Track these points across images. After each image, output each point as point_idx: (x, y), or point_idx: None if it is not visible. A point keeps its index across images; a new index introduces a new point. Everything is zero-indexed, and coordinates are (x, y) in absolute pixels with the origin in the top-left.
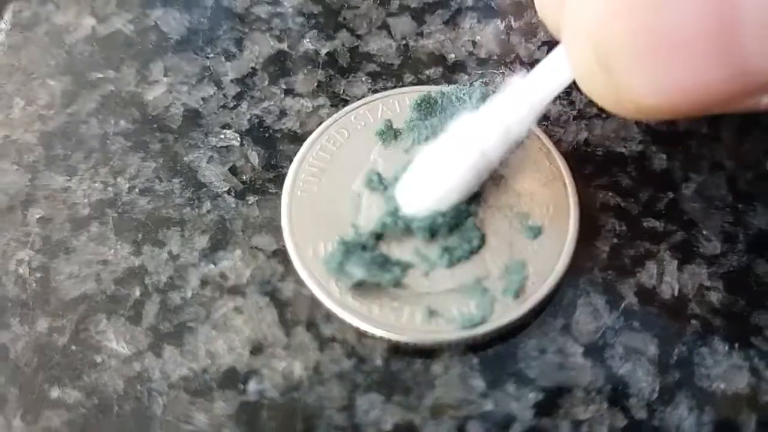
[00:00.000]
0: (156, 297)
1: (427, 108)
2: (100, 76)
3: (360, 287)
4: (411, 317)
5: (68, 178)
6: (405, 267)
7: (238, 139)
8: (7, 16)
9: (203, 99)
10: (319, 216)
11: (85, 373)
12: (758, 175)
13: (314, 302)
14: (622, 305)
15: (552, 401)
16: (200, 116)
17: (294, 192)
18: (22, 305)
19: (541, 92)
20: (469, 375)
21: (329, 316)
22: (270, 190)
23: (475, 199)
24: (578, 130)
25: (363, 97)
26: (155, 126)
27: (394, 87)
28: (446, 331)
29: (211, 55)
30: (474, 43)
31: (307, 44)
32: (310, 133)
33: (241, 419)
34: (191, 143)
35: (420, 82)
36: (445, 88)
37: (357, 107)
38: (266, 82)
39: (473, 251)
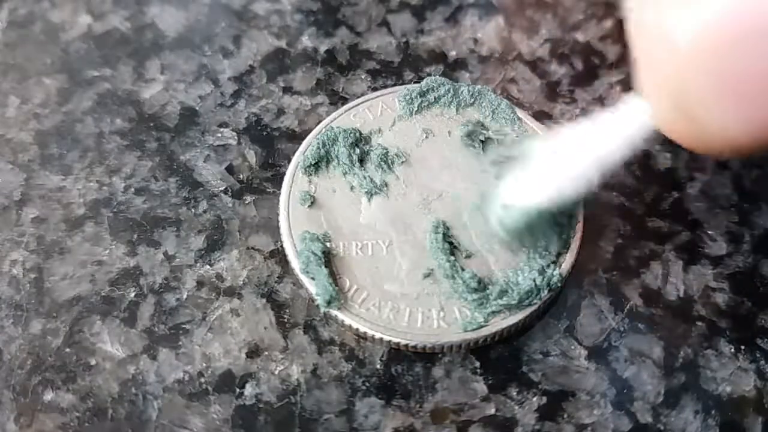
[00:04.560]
0: (151, 298)
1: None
2: (96, 74)
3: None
4: (411, 319)
5: (63, 177)
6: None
7: (236, 137)
8: (3, 13)
9: (200, 97)
10: (317, 216)
11: (79, 376)
12: (764, 175)
13: (312, 304)
14: (627, 307)
15: (555, 405)
16: (197, 114)
17: (292, 191)
18: (16, 306)
19: (620, 139)
20: (470, 378)
21: (327, 318)
22: (267, 190)
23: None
24: None
25: (363, 95)
26: (151, 124)
27: (394, 85)
28: (447, 334)
29: (209, 53)
30: (475, 40)
31: (306, 42)
32: (308, 131)
33: (237, 423)
34: (188, 142)
35: (420, 80)
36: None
37: (356, 105)
38: (264, 80)
39: None
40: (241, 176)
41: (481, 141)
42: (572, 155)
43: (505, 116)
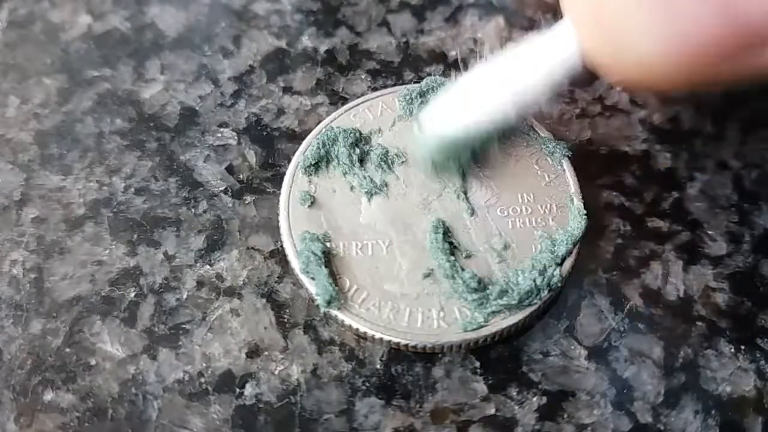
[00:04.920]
0: (151, 298)
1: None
2: (96, 74)
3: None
4: (411, 319)
5: (63, 177)
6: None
7: (236, 137)
8: (3, 13)
9: (200, 97)
10: (317, 216)
11: (79, 376)
12: (763, 174)
13: (312, 304)
14: (627, 307)
15: (555, 405)
16: (197, 114)
17: (292, 191)
18: (16, 306)
19: (549, 60)
20: (470, 378)
21: (327, 318)
22: (267, 190)
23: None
24: (581, 129)
25: (362, 95)
26: (151, 125)
27: (394, 85)
28: (447, 334)
29: (209, 53)
30: (475, 40)
31: (306, 42)
32: (308, 131)
33: (237, 424)
34: (188, 142)
35: (420, 80)
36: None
37: (356, 105)
38: (264, 80)
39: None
40: (241, 176)
41: None
42: (489, 85)
43: None
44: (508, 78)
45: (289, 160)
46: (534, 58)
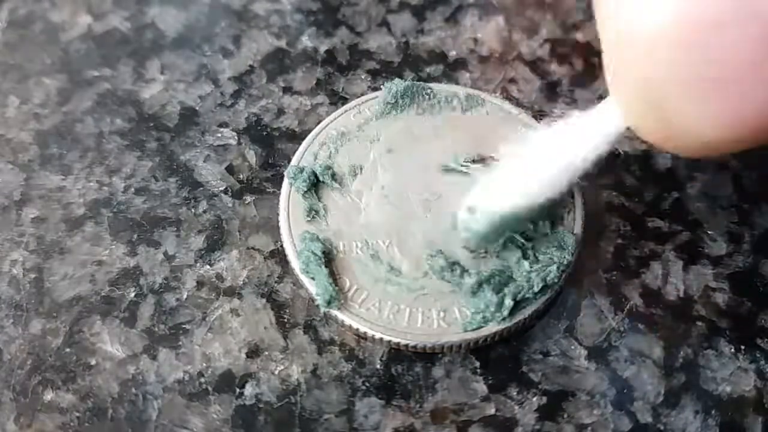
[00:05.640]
0: (151, 298)
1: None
2: (96, 74)
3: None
4: (411, 319)
5: (63, 177)
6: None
7: (236, 137)
8: (3, 13)
9: (200, 97)
10: (317, 216)
11: (79, 376)
12: (763, 175)
13: (312, 304)
14: (627, 307)
15: (555, 405)
16: (197, 114)
17: (292, 191)
18: (16, 306)
19: (595, 137)
20: (470, 378)
21: (327, 318)
22: (267, 190)
23: None
24: None
25: (362, 95)
26: (151, 124)
27: None
28: (448, 334)
29: (209, 53)
30: (475, 40)
31: (306, 41)
32: (308, 131)
33: (237, 424)
34: (188, 142)
35: (420, 80)
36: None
37: (356, 105)
38: (264, 80)
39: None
40: (241, 176)
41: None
42: (541, 160)
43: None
44: (555, 156)
45: (289, 160)
46: (580, 136)
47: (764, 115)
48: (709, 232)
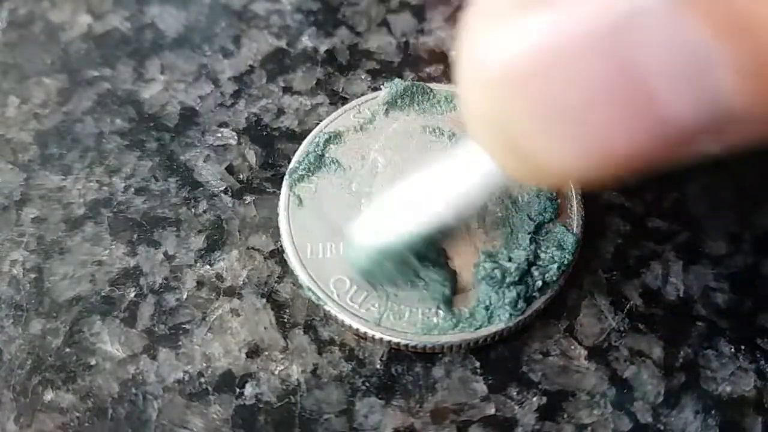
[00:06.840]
0: (151, 298)
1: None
2: (96, 74)
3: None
4: (411, 319)
5: (63, 177)
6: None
7: (236, 137)
8: (3, 13)
9: (200, 97)
10: (317, 216)
11: (79, 376)
12: (764, 175)
13: (312, 304)
14: (627, 307)
15: (555, 405)
16: (197, 114)
17: (292, 191)
18: (16, 306)
19: (468, 185)
20: (470, 378)
21: (327, 319)
22: (267, 190)
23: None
24: None
25: (362, 95)
26: (151, 124)
27: None
28: (447, 334)
29: (209, 53)
30: None
31: (306, 41)
32: (308, 131)
33: (237, 423)
34: (188, 142)
35: (420, 80)
36: None
37: (356, 105)
38: (264, 80)
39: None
40: (241, 176)
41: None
42: (418, 197)
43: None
44: (437, 188)
45: (289, 160)
46: (461, 168)
47: (623, 145)
48: (709, 232)
